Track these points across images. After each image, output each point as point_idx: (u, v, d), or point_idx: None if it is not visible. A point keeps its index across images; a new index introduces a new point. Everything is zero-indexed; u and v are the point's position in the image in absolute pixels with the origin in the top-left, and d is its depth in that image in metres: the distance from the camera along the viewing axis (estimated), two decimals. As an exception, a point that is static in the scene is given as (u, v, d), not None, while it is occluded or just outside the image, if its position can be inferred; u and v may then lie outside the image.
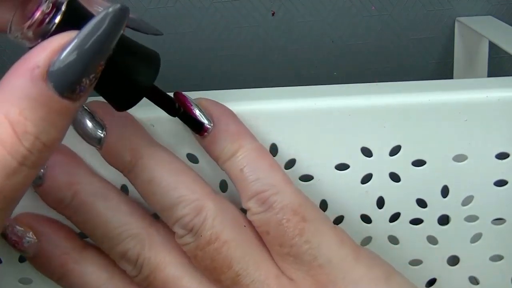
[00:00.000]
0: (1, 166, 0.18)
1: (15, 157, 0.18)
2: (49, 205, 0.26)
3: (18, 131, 0.18)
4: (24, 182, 0.19)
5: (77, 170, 0.26)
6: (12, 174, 0.18)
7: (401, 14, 0.42)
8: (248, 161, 0.25)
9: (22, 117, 0.18)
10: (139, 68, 0.21)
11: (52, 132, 0.19)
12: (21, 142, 0.18)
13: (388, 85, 0.28)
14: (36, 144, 0.19)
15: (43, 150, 0.19)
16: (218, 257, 0.25)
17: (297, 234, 0.25)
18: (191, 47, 0.42)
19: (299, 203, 0.25)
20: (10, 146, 0.18)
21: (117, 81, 0.21)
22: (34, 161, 0.19)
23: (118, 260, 0.26)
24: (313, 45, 0.43)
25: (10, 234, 0.26)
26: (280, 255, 0.25)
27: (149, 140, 0.26)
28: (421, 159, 0.28)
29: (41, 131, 0.18)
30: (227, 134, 0.25)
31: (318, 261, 0.25)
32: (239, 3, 0.41)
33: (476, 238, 0.30)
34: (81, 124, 0.25)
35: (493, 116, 0.27)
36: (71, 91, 0.18)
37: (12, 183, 0.19)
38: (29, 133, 0.18)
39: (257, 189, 0.25)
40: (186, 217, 0.24)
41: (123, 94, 0.21)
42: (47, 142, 0.19)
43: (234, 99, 0.27)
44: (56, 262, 0.26)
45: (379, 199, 0.29)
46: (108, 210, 0.25)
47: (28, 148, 0.18)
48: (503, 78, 0.28)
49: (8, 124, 0.18)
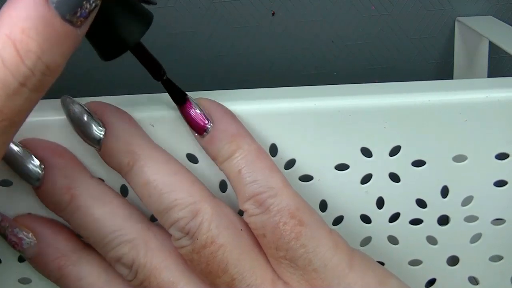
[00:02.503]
0: (2, 85, 0.18)
1: (16, 77, 0.18)
2: (48, 207, 0.26)
3: (21, 49, 0.18)
4: (25, 105, 0.19)
5: (75, 173, 0.25)
6: (13, 94, 0.19)
7: (401, 14, 0.42)
8: (246, 162, 0.25)
9: (25, 35, 0.18)
10: (129, 21, 0.22)
11: (54, 55, 0.19)
12: (23, 61, 0.18)
13: (388, 86, 0.28)
14: (38, 64, 0.19)
15: (45, 72, 0.19)
16: (214, 261, 0.24)
17: (293, 238, 0.25)
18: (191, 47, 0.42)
19: (297, 207, 0.25)
20: (11, 64, 0.18)
21: (105, 29, 0.22)
22: (36, 84, 0.19)
23: (114, 264, 0.26)
24: (313, 45, 0.43)
25: (10, 235, 0.26)
26: (275, 258, 0.25)
27: (147, 142, 0.25)
28: (421, 159, 0.28)
29: (43, 51, 0.19)
30: (226, 135, 0.25)
31: (313, 266, 0.25)
32: (239, 3, 0.41)
33: (476, 239, 0.30)
34: (80, 124, 0.25)
35: (493, 116, 0.27)
36: (72, 14, 0.19)
37: (13, 104, 0.19)
38: (31, 52, 0.18)
39: (254, 191, 0.25)
40: (182, 220, 0.24)
41: (108, 44, 0.22)
42: (50, 64, 0.19)
43: (234, 99, 0.27)
44: (55, 264, 0.26)
45: (379, 199, 0.29)
46: (105, 214, 0.25)
47: (30, 68, 0.19)
48: (503, 79, 0.28)
49: (10, 43, 0.18)
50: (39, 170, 0.25)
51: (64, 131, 0.26)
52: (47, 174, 0.25)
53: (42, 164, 0.25)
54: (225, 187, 0.28)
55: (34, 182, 0.25)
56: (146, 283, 0.25)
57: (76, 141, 0.25)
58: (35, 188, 0.25)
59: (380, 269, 0.27)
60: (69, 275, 0.26)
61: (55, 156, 0.25)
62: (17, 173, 0.25)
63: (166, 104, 0.26)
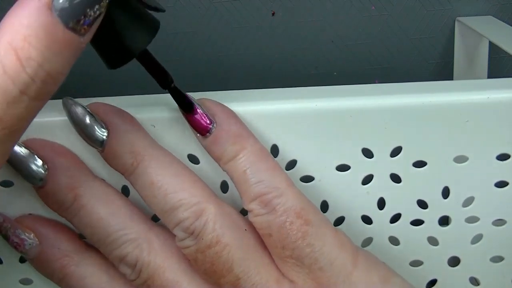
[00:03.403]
0: (2, 92, 0.18)
1: (17, 84, 0.18)
2: (50, 208, 0.26)
3: (22, 57, 0.18)
4: (25, 114, 0.19)
5: (78, 173, 0.25)
6: (13, 102, 0.18)
7: (401, 14, 0.42)
8: (250, 163, 0.25)
9: (26, 43, 0.18)
10: (135, 29, 0.22)
11: (56, 64, 0.19)
12: (24, 69, 0.18)
13: (390, 86, 0.28)
14: (39, 72, 0.19)
15: (47, 80, 0.19)
16: (219, 260, 0.25)
17: (299, 237, 0.25)
18: (191, 47, 0.42)
19: (302, 206, 0.25)
20: (12, 72, 0.18)
21: (111, 37, 0.21)
22: (36, 92, 0.19)
23: (117, 264, 0.26)
24: (313, 45, 0.43)
25: (12, 236, 0.26)
26: (281, 257, 0.25)
27: (150, 142, 0.26)
28: (422, 160, 0.28)
29: (45, 59, 0.19)
30: (230, 135, 0.25)
31: (319, 264, 0.25)
32: (239, 3, 0.41)
33: (477, 239, 0.30)
34: (82, 126, 0.25)
35: (494, 117, 0.27)
36: (76, 22, 0.19)
37: (13, 113, 0.19)
38: (32, 60, 0.18)
39: (260, 191, 0.25)
40: (186, 221, 0.24)
41: (114, 52, 0.22)
42: (51, 72, 0.19)
43: (235, 100, 0.27)
44: (57, 264, 0.26)
45: (380, 200, 0.29)
46: (108, 214, 0.25)
47: (30, 75, 0.18)
48: (504, 79, 0.28)
49: (11, 50, 0.18)
50: (42, 170, 0.25)
51: (67, 132, 0.26)
52: (50, 174, 0.25)
53: (45, 164, 0.25)
54: (226, 188, 0.28)
55: (37, 182, 0.25)
56: (149, 282, 0.25)
57: (78, 142, 0.25)
58: (37, 188, 0.25)
59: (384, 268, 0.27)
60: (72, 275, 0.26)
61: (58, 156, 0.25)
62: (20, 173, 0.25)
63: (167, 105, 0.26)
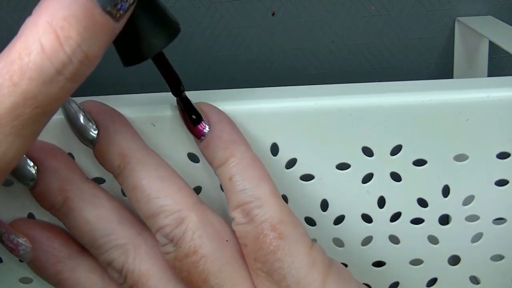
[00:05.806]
0: (38, 71, 0.18)
1: (54, 63, 0.18)
2: (43, 207, 0.26)
3: (61, 36, 0.18)
4: (59, 94, 0.19)
5: (69, 175, 0.25)
6: (49, 81, 0.19)
7: (401, 14, 0.42)
8: (238, 170, 0.25)
9: (66, 22, 0.18)
10: (154, 30, 0.22)
11: (93, 46, 0.19)
12: (62, 47, 0.18)
13: (389, 85, 0.28)
14: (77, 52, 0.19)
15: (83, 61, 0.19)
16: (195, 270, 0.24)
17: (271, 251, 0.24)
18: (191, 47, 0.42)
19: (280, 219, 0.25)
20: (50, 51, 0.18)
21: (132, 34, 0.22)
22: (72, 72, 0.19)
23: (105, 267, 0.26)
24: (313, 45, 0.43)
25: (7, 241, 0.26)
26: (253, 269, 0.25)
27: (139, 145, 0.25)
28: (422, 158, 0.28)
29: (83, 40, 0.19)
30: (221, 141, 0.25)
31: (287, 282, 0.24)
32: (239, 3, 0.41)
33: (477, 238, 0.30)
34: (75, 124, 0.25)
35: (494, 115, 0.27)
36: (113, 6, 0.19)
37: (48, 92, 0.19)
38: (72, 39, 0.18)
39: (242, 200, 0.24)
40: (167, 227, 0.24)
41: (130, 50, 0.22)
42: (88, 54, 0.19)
43: (234, 98, 0.27)
44: (51, 270, 0.26)
45: (380, 199, 0.29)
46: (97, 218, 0.25)
47: (69, 55, 0.19)
48: (504, 78, 0.28)
49: (51, 30, 0.18)
50: (33, 171, 0.25)
51: (62, 130, 0.26)
52: (40, 176, 0.25)
53: (35, 166, 0.25)
54: (226, 187, 0.28)
55: (28, 183, 0.25)
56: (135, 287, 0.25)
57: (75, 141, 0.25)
58: (30, 188, 0.25)
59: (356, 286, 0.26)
60: (65, 281, 0.26)
61: (49, 158, 0.25)
62: (12, 173, 0.25)
63: (167, 104, 0.26)
